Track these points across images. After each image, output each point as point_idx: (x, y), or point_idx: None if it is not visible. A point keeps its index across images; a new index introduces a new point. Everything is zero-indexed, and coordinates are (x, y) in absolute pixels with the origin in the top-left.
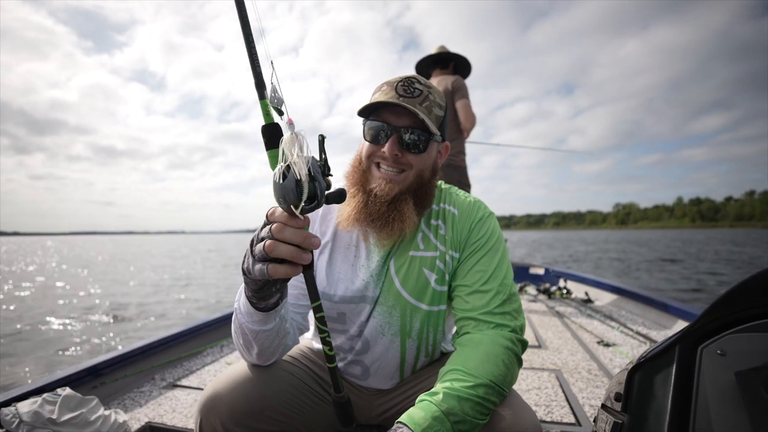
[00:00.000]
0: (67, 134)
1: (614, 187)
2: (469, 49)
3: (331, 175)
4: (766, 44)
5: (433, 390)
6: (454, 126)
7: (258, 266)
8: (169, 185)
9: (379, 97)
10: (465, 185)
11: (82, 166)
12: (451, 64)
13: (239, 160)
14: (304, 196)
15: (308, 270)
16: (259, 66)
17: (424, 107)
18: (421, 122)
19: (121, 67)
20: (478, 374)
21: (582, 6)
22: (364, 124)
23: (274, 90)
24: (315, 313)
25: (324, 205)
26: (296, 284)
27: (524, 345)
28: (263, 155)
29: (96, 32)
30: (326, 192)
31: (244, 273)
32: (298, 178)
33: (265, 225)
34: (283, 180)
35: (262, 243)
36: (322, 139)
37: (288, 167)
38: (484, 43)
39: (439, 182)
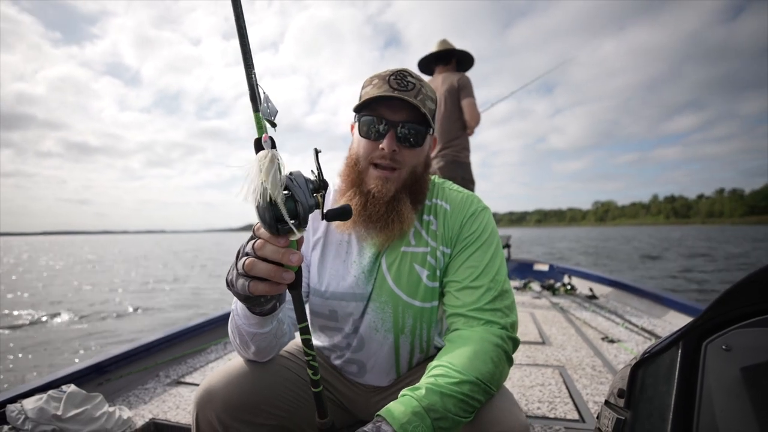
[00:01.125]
0: (36, 129)
1: (593, 185)
2: None
3: (324, 191)
4: (735, 47)
5: (416, 385)
6: (460, 124)
7: (240, 281)
8: (147, 183)
9: (372, 91)
10: (469, 181)
11: (54, 163)
12: (453, 60)
13: (220, 157)
14: (286, 217)
15: (294, 289)
16: (254, 78)
17: (418, 100)
18: (416, 116)
19: (93, 60)
20: (464, 371)
21: (561, 6)
22: (358, 120)
23: (266, 100)
24: (301, 334)
25: (326, 221)
26: None
27: (515, 343)
28: (244, 153)
29: (64, 23)
30: (328, 209)
31: (228, 285)
32: (263, 201)
33: (250, 239)
34: (259, 200)
35: (245, 259)
36: (316, 153)
37: (261, 186)
38: (465, 42)
39: (433, 177)
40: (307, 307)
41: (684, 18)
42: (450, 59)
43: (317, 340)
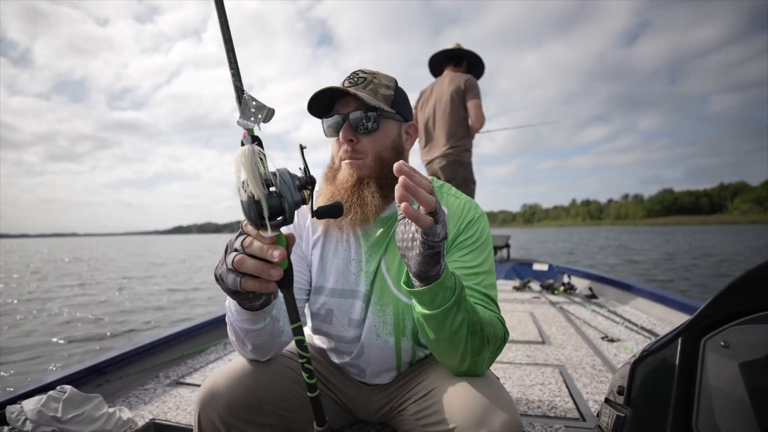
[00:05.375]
0: None
1: (520, 189)
2: (382, 50)
3: (311, 187)
4: (633, 69)
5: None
6: (464, 125)
7: (231, 277)
8: (49, 180)
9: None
10: (470, 181)
11: None
12: (464, 62)
13: (139, 153)
14: (266, 213)
15: (284, 288)
16: (239, 80)
17: (368, 90)
18: (367, 103)
19: None
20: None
21: (488, 16)
22: (322, 124)
23: (251, 99)
24: (294, 335)
25: (317, 218)
26: (297, 279)
27: (507, 335)
28: (166, 149)
29: None
30: (319, 207)
31: (217, 280)
32: (247, 198)
33: (239, 235)
34: (243, 197)
35: (234, 255)
36: (302, 149)
37: (244, 183)
38: (396, 45)
39: (431, 179)
40: (306, 307)
41: (592, 38)
42: (461, 61)
43: (318, 341)
